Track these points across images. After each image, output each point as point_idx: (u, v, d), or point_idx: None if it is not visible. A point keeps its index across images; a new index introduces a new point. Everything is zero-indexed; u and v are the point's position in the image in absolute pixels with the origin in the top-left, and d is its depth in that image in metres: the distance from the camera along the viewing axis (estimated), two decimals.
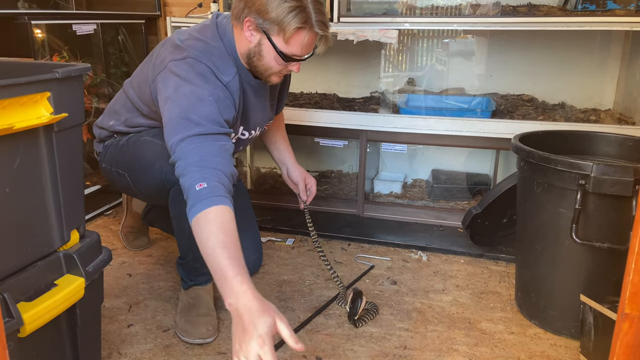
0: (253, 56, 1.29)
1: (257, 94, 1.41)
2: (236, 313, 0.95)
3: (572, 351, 1.35)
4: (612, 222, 1.29)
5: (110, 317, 1.46)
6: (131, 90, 1.44)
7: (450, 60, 2.35)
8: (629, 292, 0.44)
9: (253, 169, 2.52)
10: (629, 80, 2.06)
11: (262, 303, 0.95)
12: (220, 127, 1.20)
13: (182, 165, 1.14)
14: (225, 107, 1.24)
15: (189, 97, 1.20)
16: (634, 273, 0.44)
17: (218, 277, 1.00)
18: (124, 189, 1.56)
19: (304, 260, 1.83)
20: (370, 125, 2.07)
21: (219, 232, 1.03)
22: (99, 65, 2.33)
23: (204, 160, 1.13)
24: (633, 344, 0.45)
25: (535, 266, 1.44)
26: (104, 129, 1.54)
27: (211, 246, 1.02)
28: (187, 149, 1.15)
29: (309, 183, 1.66)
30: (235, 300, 0.96)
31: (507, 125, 1.91)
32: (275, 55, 1.25)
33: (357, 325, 1.41)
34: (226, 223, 1.05)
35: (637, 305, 0.44)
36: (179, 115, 1.19)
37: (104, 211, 2.19)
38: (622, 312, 0.44)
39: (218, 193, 1.08)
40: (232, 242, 1.03)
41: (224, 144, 1.19)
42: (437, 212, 2.12)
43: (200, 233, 1.06)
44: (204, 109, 1.19)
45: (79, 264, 0.97)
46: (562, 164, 1.28)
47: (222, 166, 1.14)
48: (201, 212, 1.06)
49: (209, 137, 1.17)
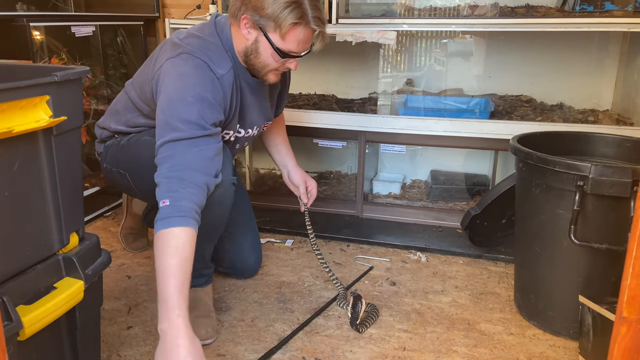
0: (250, 54, 1.29)
1: (254, 92, 1.42)
2: (164, 340, 1.02)
3: (570, 352, 1.35)
4: (610, 223, 1.29)
5: (109, 319, 1.46)
6: (132, 90, 1.44)
7: (449, 60, 2.36)
8: (626, 295, 0.44)
9: (252, 170, 2.52)
10: (627, 81, 2.06)
11: (191, 343, 1.02)
12: (202, 129, 1.19)
13: (156, 175, 1.16)
14: (211, 107, 1.22)
15: (172, 98, 1.20)
16: (632, 277, 0.44)
17: (160, 300, 1.05)
18: (125, 189, 1.56)
19: (303, 262, 1.83)
20: (368, 126, 2.07)
21: (171, 256, 1.06)
22: (98, 67, 2.33)
23: (174, 168, 1.14)
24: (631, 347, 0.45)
25: (534, 267, 1.44)
26: (105, 129, 1.55)
27: (161, 269, 1.06)
28: (162, 156, 1.17)
29: (310, 186, 1.66)
30: (167, 328, 1.02)
31: (506, 126, 1.92)
32: (272, 52, 1.26)
33: (360, 331, 1.40)
34: (179, 247, 1.07)
35: (634, 309, 0.44)
36: (161, 119, 1.20)
37: (103, 213, 2.19)
38: (620, 315, 0.44)
39: (178, 214, 1.09)
40: (181, 267, 1.06)
41: (203, 147, 1.18)
42: (436, 213, 2.12)
43: (155, 250, 1.09)
44: (185, 110, 1.18)
45: (78, 267, 0.97)
46: (560, 165, 1.29)
47: (193, 174, 1.14)
48: (160, 231, 1.08)
49: (185, 143, 1.16)
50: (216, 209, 1.29)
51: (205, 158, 1.18)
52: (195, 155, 1.16)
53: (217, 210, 1.31)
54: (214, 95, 1.25)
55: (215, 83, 1.27)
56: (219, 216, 1.35)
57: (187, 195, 1.11)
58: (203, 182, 1.15)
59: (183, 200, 1.10)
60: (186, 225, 1.08)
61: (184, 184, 1.12)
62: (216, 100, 1.25)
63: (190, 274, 1.08)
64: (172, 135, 1.16)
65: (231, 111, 1.36)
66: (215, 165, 1.21)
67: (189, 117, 1.18)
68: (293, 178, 1.67)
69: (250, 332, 1.41)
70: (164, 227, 1.08)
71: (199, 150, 1.17)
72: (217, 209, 1.30)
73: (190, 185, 1.13)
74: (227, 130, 1.40)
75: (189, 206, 1.11)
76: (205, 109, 1.21)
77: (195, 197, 1.13)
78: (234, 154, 1.70)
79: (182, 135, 1.16)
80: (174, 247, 1.06)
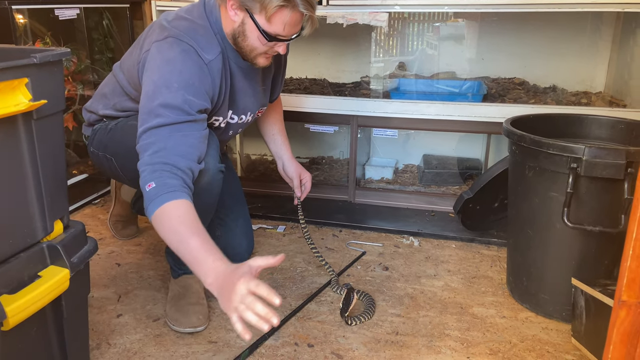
0: (238, 36, 1.26)
1: (246, 76, 1.38)
2: (218, 288, 0.95)
3: (563, 334, 1.35)
4: (603, 205, 1.28)
5: (99, 307, 1.45)
6: (120, 73, 1.41)
7: (441, 44, 2.33)
8: (626, 278, 0.43)
9: (243, 156, 2.49)
10: (620, 62, 2.05)
11: (234, 265, 0.95)
12: (186, 114, 1.16)
13: (139, 163, 1.12)
14: (197, 94, 1.19)
15: (157, 84, 1.17)
16: (632, 259, 0.42)
17: (192, 265, 1.01)
18: (112, 174, 1.54)
19: (295, 248, 1.81)
20: (360, 111, 2.05)
21: (178, 225, 1.03)
22: (83, 51, 2.28)
23: (157, 155, 1.11)
24: (630, 332, 0.44)
25: (527, 250, 1.43)
26: (92, 113, 1.51)
27: (176, 241, 1.02)
28: (144, 143, 1.13)
29: (304, 178, 1.63)
30: (214, 277, 0.96)
31: (499, 109, 1.90)
32: (259, 35, 1.23)
33: (349, 323, 1.39)
34: (182, 215, 1.04)
35: (634, 292, 0.43)
36: (144, 104, 1.17)
37: (91, 200, 2.16)
38: (619, 299, 0.43)
39: (167, 190, 1.06)
40: (193, 230, 1.02)
41: (187, 133, 1.15)
42: (429, 197, 2.11)
43: (161, 231, 1.05)
44: (169, 96, 1.15)
45: (63, 255, 0.94)
46: (553, 148, 1.27)
47: (176, 159, 1.11)
48: (155, 211, 1.05)
49: (169, 129, 1.13)
50: (204, 196, 1.27)
51: (189, 144, 1.15)
52: (178, 140, 1.13)
53: (205, 198, 1.28)
54: (201, 82, 1.22)
55: (204, 69, 1.23)
56: (208, 204, 1.32)
57: (173, 177, 1.09)
58: (187, 167, 1.13)
59: (169, 179, 1.08)
60: (180, 198, 1.06)
61: (168, 168, 1.10)
62: (203, 86, 1.22)
63: (205, 230, 1.04)
64: (155, 122, 1.13)
65: (220, 97, 1.32)
66: (199, 151, 1.17)
67: (173, 102, 1.15)
68: (288, 170, 1.64)
69: None
70: (158, 205, 1.05)
71: (183, 136, 1.14)
72: (205, 196, 1.27)
73: (174, 169, 1.10)
74: (216, 117, 1.37)
75: (177, 183, 1.08)
76: (190, 95, 1.17)
77: (181, 179, 1.10)
78: (225, 141, 1.67)
79: (165, 121, 1.13)
80: (177, 217, 1.03)
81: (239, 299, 0.88)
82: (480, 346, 1.30)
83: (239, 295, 0.88)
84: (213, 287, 0.96)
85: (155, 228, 1.07)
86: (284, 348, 1.28)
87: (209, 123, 1.34)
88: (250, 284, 0.88)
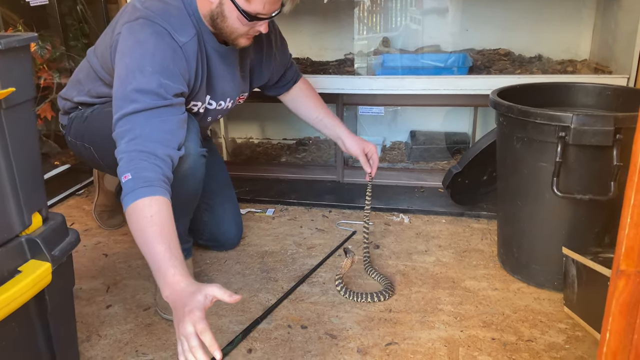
0: (216, 18, 1.21)
1: (224, 61, 1.34)
2: (173, 304, 0.93)
3: (555, 303, 1.36)
4: (593, 173, 1.27)
5: (87, 299, 1.42)
6: (94, 58, 1.36)
7: (425, 17, 2.29)
8: (624, 247, 0.41)
9: (228, 140, 2.45)
10: (604, 29, 2.03)
11: (192, 286, 0.93)
12: (162, 99, 1.11)
13: (116, 151, 1.09)
14: (172, 77, 1.15)
15: (130, 67, 1.12)
16: (630, 227, 0.41)
17: (153, 270, 0.98)
18: (91, 163, 1.50)
19: (285, 230, 1.79)
20: (345, 88, 2.01)
21: (147, 226, 0.99)
22: (57, 37, 2.21)
23: (133, 142, 1.07)
24: (630, 302, 0.42)
25: (517, 221, 1.43)
26: (68, 100, 1.47)
27: (142, 242, 0.99)
28: (120, 131, 1.09)
29: (369, 151, 1.53)
30: (170, 292, 0.94)
31: (485, 80, 1.88)
32: (238, 15, 1.18)
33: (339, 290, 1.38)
34: (154, 215, 1.00)
35: (633, 261, 0.41)
36: (118, 90, 1.12)
37: (75, 191, 2.12)
38: (618, 268, 0.42)
39: (143, 184, 1.02)
40: (162, 234, 0.99)
41: (165, 119, 1.11)
42: (417, 174, 2.10)
43: (131, 227, 1.02)
44: (143, 80, 1.10)
45: (43, 249, 0.91)
46: (541, 117, 1.26)
47: (154, 146, 1.07)
48: (128, 206, 1.02)
49: (145, 114, 1.09)
50: (187, 182, 1.24)
51: (167, 130, 1.10)
52: (156, 126, 1.09)
53: (188, 184, 1.25)
54: (176, 65, 1.17)
55: (177, 52, 1.18)
56: (191, 190, 1.29)
57: (151, 167, 1.05)
58: (166, 154, 1.08)
59: (146, 171, 1.04)
60: (155, 194, 1.02)
61: (145, 156, 1.05)
62: (178, 70, 1.17)
63: (176, 237, 1.01)
64: (130, 108, 1.09)
65: (197, 81, 1.27)
66: (178, 137, 1.13)
67: (147, 86, 1.10)
68: (350, 149, 1.54)
69: (234, 304, 1.38)
70: (132, 200, 1.01)
71: (160, 122, 1.10)
72: (187, 182, 1.24)
73: (152, 157, 1.06)
74: (194, 102, 1.32)
75: (154, 176, 1.04)
76: (165, 79, 1.13)
77: (160, 168, 1.06)
78: (205, 128, 1.63)
79: (140, 107, 1.09)
80: (149, 217, 0.99)
81: (185, 334, 0.86)
82: (474, 319, 1.30)
83: (186, 330, 0.86)
84: (169, 300, 0.95)
85: (127, 218, 1.04)
86: (277, 331, 1.27)
87: (187, 109, 1.30)
88: (198, 325, 0.86)
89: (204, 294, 0.89)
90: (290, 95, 1.65)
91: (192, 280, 0.95)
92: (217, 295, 0.90)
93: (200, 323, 0.86)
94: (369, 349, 1.20)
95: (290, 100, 1.66)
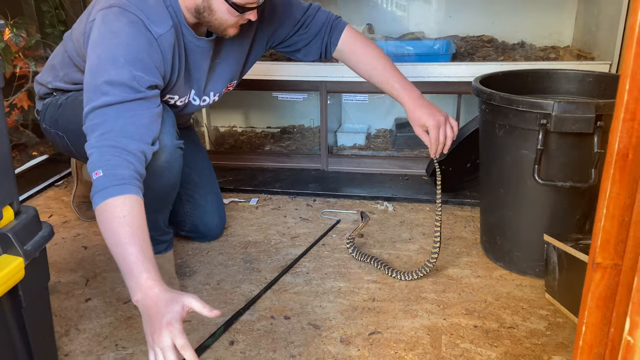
0: (203, 11, 1.17)
1: (205, 54, 1.29)
2: (144, 309, 0.91)
3: (537, 290, 1.37)
4: (574, 160, 1.28)
5: (66, 292, 1.40)
6: (70, 42, 1.32)
7: (410, 3, 2.27)
8: (600, 239, 0.41)
9: (211, 128, 2.42)
10: (587, 15, 2.03)
11: (167, 293, 0.91)
12: (135, 92, 1.07)
13: (86, 145, 1.05)
14: (146, 69, 1.11)
15: (101, 57, 1.09)
16: (606, 219, 0.40)
17: (124, 273, 0.96)
18: (65, 151, 1.47)
19: (268, 220, 1.78)
20: (329, 76, 1.99)
21: (119, 227, 0.96)
22: (33, 25, 2.14)
23: (104, 137, 1.03)
24: (606, 295, 0.42)
25: (500, 209, 1.43)
26: (43, 86, 1.43)
27: (113, 244, 0.97)
28: (91, 124, 1.06)
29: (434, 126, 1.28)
30: (142, 297, 0.92)
31: (468, 67, 1.87)
32: (228, 7, 1.14)
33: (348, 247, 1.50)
34: (127, 216, 0.97)
35: (609, 254, 0.41)
36: (89, 81, 1.08)
37: (54, 182, 2.08)
38: (593, 261, 0.41)
39: (115, 182, 0.99)
40: (135, 236, 0.96)
41: (138, 112, 1.07)
42: (402, 162, 2.09)
43: (101, 227, 0.99)
44: (115, 72, 1.07)
45: (15, 243, 0.88)
46: (523, 104, 1.25)
47: (126, 142, 1.03)
48: (98, 205, 0.99)
49: (117, 108, 1.05)
50: (164, 176, 1.21)
51: (140, 124, 1.07)
52: (128, 120, 1.05)
53: (166, 176, 1.23)
54: (150, 57, 1.13)
55: (153, 44, 1.14)
56: (169, 183, 1.26)
57: (123, 163, 1.01)
58: (138, 150, 1.05)
59: (118, 168, 1.00)
60: (128, 193, 0.99)
61: (117, 152, 1.02)
62: (153, 62, 1.13)
63: (148, 239, 0.99)
64: (102, 100, 1.05)
65: (174, 74, 1.23)
66: (152, 131, 1.10)
67: (120, 78, 1.06)
68: (411, 123, 1.33)
69: (216, 295, 1.37)
70: (103, 198, 0.98)
71: (133, 116, 1.06)
72: (164, 176, 1.22)
73: (124, 153, 1.02)
74: (170, 95, 1.29)
75: (127, 173, 1.01)
76: (138, 71, 1.09)
77: (132, 165, 1.02)
78: (186, 118, 1.59)
79: (112, 100, 1.05)
80: (121, 217, 0.97)
81: (161, 346, 0.85)
82: (456, 307, 1.30)
83: (163, 343, 0.84)
84: (139, 305, 0.92)
85: (97, 220, 1.01)
86: (260, 322, 1.26)
87: (163, 101, 1.26)
88: (178, 340, 0.84)
89: (181, 304, 0.88)
90: (339, 54, 1.44)
91: (165, 286, 0.93)
92: (195, 307, 0.88)
93: (180, 338, 0.84)
94: (352, 338, 1.20)
95: (346, 61, 1.45)
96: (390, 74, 1.37)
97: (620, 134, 0.38)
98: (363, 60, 1.41)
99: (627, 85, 0.39)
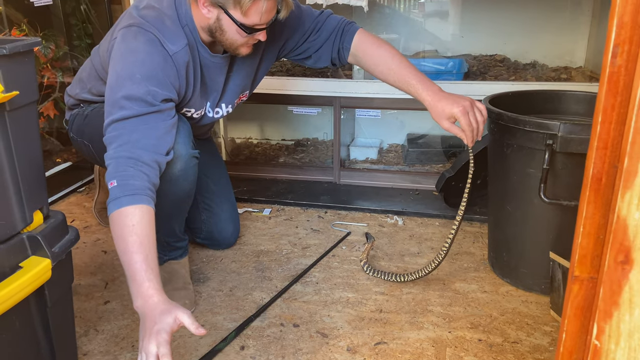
0: (215, 32, 1.24)
1: (221, 70, 1.35)
2: (142, 315, 0.99)
3: (542, 306, 1.39)
4: (579, 180, 1.29)
5: (86, 294, 1.46)
6: (97, 57, 1.40)
7: (424, 22, 2.32)
8: (577, 255, 0.45)
9: (228, 139, 2.49)
10: (599, 36, 2.06)
11: (164, 304, 0.98)
12: (149, 105, 1.14)
13: (105, 156, 1.12)
14: (160, 84, 1.17)
15: (120, 74, 1.16)
16: (582, 236, 0.44)
17: (128, 279, 1.03)
18: (91, 159, 1.55)
19: (281, 230, 1.83)
20: (343, 92, 2.05)
21: (128, 235, 1.03)
22: (61, 37, 2.25)
23: (121, 148, 1.10)
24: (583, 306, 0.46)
25: (507, 226, 1.46)
26: (71, 97, 1.52)
27: (123, 250, 1.04)
28: (110, 136, 1.13)
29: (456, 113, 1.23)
30: (142, 304, 0.99)
31: (480, 86, 1.91)
32: (237, 29, 1.21)
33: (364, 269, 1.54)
34: (136, 225, 1.04)
35: (585, 268, 0.45)
36: (108, 96, 1.16)
37: (76, 188, 2.16)
38: (572, 274, 0.45)
39: (128, 192, 1.05)
40: (142, 245, 1.03)
41: (152, 125, 1.13)
42: (413, 177, 2.13)
43: (113, 233, 1.06)
44: (131, 87, 1.14)
45: (44, 245, 0.95)
46: (530, 125, 1.29)
47: (140, 153, 1.10)
48: (112, 212, 1.06)
49: (133, 121, 1.12)
50: (179, 184, 1.27)
51: (155, 136, 1.13)
52: (143, 133, 1.12)
53: (181, 184, 1.29)
54: (165, 74, 1.19)
55: (168, 60, 1.21)
56: (184, 191, 1.32)
57: (137, 174, 1.08)
58: (152, 160, 1.11)
59: (132, 179, 1.07)
60: (139, 203, 1.05)
61: (132, 163, 1.08)
62: (168, 78, 1.20)
63: (155, 249, 1.06)
64: (120, 114, 1.13)
65: (189, 89, 1.30)
66: (166, 143, 1.16)
67: (136, 93, 1.13)
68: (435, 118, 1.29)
69: (228, 302, 1.42)
70: (116, 207, 1.05)
71: (148, 128, 1.13)
72: (180, 184, 1.28)
73: (138, 164, 1.09)
74: (187, 108, 1.36)
75: (140, 184, 1.07)
76: (154, 86, 1.16)
77: (146, 175, 1.09)
78: (205, 130, 1.66)
79: (129, 113, 1.12)
80: (130, 226, 1.03)
81: (147, 351, 0.92)
82: (462, 320, 1.33)
83: (148, 349, 0.91)
84: (139, 310, 1.00)
85: (110, 227, 1.08)
86: (270, 329, 1.31)
87: (181, 113, 1.33)
88: (161, 349, 0.91)
89: (174, 317, 0.95)
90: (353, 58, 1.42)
91: (164, 296, 1.00)
92: (185, 323, 0.95)
93: (164, 347, 0.91)
94: (358, 347, 1.24)
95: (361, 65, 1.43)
96: (407, 72, 1.32)
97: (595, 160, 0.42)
98: (377, 61, 1.37)
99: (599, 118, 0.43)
